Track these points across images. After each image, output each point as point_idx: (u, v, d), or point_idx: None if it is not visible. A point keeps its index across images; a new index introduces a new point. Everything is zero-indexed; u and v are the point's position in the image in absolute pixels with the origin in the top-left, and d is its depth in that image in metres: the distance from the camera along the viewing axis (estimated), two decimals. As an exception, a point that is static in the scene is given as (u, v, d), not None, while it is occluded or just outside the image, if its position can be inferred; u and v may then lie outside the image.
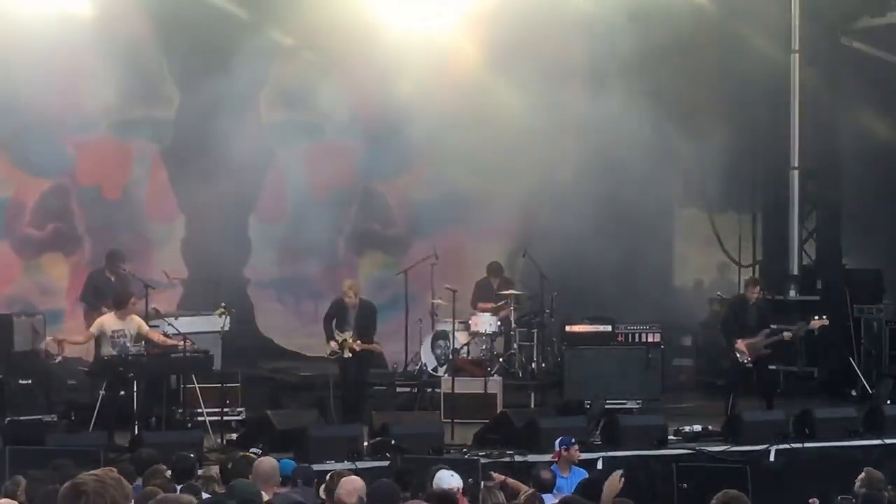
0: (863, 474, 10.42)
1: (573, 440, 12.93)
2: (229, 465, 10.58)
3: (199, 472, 11.52)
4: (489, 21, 18.52)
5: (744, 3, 19.21)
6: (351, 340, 15.48)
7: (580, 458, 12.98)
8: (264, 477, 9.25)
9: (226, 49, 17.81)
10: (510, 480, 11.59)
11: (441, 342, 17.20)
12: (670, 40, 18.87)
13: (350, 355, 15.47)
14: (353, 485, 8.83)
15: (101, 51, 17.63)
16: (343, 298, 15.85)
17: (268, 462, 9.47)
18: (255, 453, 11.87)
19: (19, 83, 17.31)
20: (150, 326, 15.15)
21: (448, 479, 9.15)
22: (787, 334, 16.61)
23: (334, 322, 15.80)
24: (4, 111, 17.38)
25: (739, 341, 16.44)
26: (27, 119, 17.58)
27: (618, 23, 19.19)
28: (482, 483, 10.16)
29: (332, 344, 15.60)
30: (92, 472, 4.65)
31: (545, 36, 19.38)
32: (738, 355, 16.45)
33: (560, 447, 12.73)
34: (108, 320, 14.71)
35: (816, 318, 16.94)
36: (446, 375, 16.35)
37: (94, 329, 14.69)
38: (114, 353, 14.42)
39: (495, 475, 11.44)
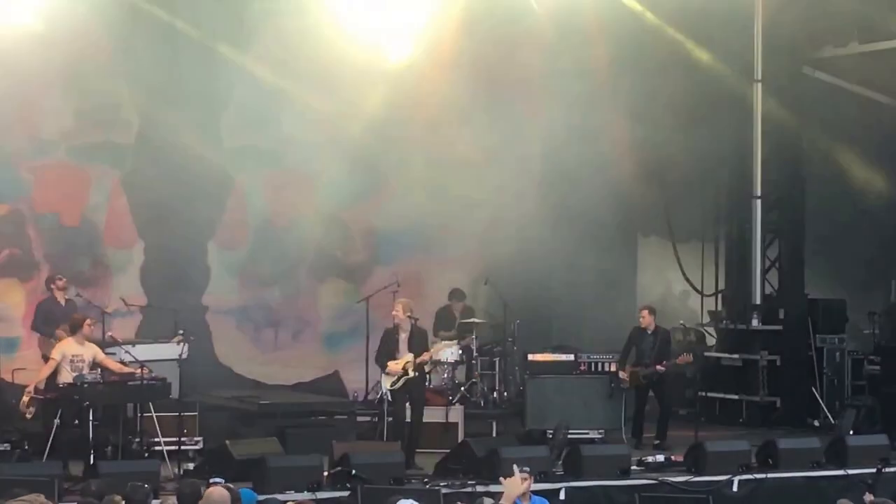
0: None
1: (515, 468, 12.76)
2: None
3: (156, 502, 11.32)
4: (450, 49, 18.45)
5: (707, 32, 19.24)
6: (412, 359, 15.10)
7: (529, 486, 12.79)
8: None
9: (187, 73, 17.67)
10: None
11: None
12: (634, 68, 18.89)
13: (416, 374, 15.14)
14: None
15: (58, 74, 17.49)
16: (393, 323, 15.33)
17: (219, 492, 9.26)
18: (216, 483, 11.63)
19: (-26, 106, 17.15)
20: (107, 354, 14.94)
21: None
22: (659, 368, 16.70)
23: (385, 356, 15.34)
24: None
25: (625, 368, 16.72)
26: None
27: (579, 54, 19.21)
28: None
29: (393, 369, 15.10)
30: (21, 497, 4.54)
31: (507, 65, 19.36)
32: (619, 381, 16.73)
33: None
34: (67, 345, 14.53)
35: (684, 354, 17.12)
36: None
37: (56, 355, 14.48)
38: (72, 378, 14.18)
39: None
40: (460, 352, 17.20)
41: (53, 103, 17.67)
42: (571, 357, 17.10)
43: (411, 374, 15.12)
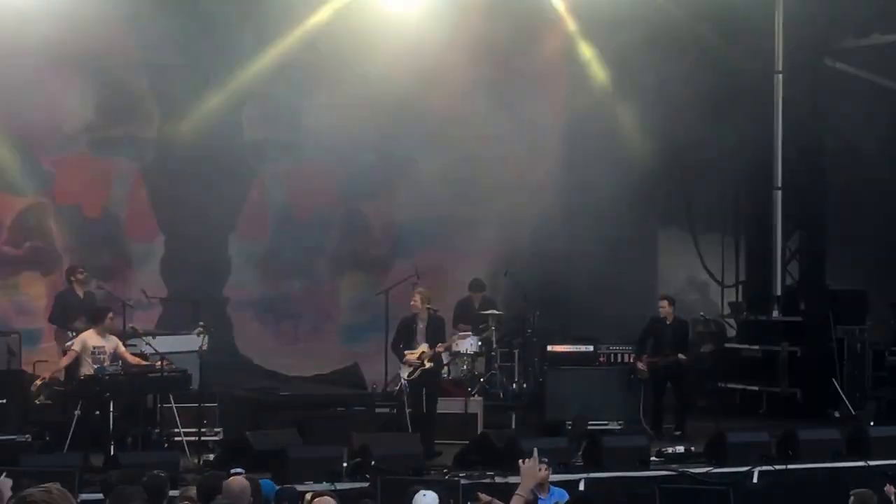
0: (852, 499, 10.24)
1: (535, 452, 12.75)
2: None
3: (175, 492, 11.33)
4: (470, 40, 18.45)
5: (728, 23, 19.19)
6: (428, 349, 15.14)
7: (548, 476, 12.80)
8: (234, 497, 9.07)
9: (208, 65, 17.70)
10: (497, 502, 11.39)
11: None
12: (654, 59, 18.84)
13: (431, 365, 15.15)
14: (328, 505, 8.69)
15: (80, 68, 17.54)
16: (411, 312, 15.36)
17: (238, 482, 9.28)
18: (237, 474, 11.67)
19: (-3, 99, 17.21)
20: (128, 345, 14.99)
21: (421, 501, 8.99)
22: (682, 356, 16.62)
23: (401, 344, 15.42)
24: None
25: (644, 358, 16.63)
26: (4, 136, 17.41)
27: (599, 43, 19.20)
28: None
29: (410, 359, 15.18)
30: (40, 486, 4.63)
31: (527, 54, 19.34)
32: (637, 372, 16.64)
33: None
34: (89, 336, 14.54)
35: (706, 343, 16.96)
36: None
37: (76, 346, 14.48)
38: (93, 370, 14.24)
39: (482, 496, 11.28)
40: (479, 343, 17.20)
41: (75, 96, 17.72)
42: (591, 348, 17.12)
43: (427, 364, 15.14)
